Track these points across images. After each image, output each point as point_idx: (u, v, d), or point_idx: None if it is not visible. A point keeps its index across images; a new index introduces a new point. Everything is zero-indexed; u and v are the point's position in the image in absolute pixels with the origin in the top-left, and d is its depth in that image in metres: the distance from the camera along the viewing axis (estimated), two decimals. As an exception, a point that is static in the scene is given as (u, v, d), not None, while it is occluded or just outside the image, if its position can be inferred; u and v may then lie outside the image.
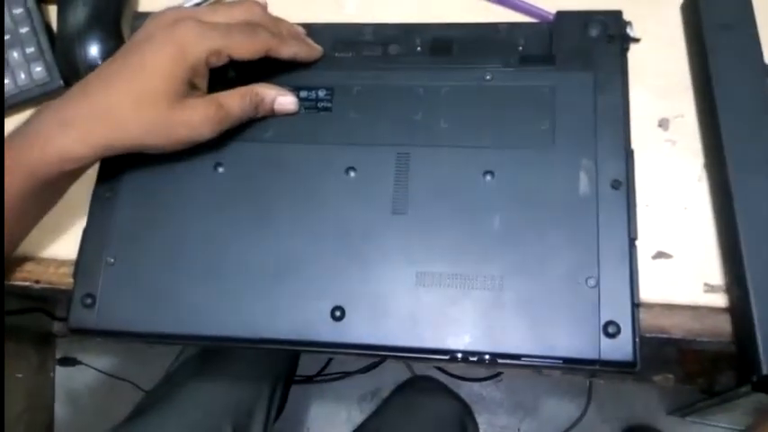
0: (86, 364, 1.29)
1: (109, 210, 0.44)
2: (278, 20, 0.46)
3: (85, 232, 0.44)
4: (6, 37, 0.51)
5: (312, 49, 0.46)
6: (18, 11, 0.51)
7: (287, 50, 0.44)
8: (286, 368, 0.78)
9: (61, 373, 1.31)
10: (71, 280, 0.43)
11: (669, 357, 0.99)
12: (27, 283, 0.46)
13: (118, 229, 0.43)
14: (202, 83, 0.42)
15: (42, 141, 0.39)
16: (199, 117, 0.41)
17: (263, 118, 0.45)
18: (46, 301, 1.19)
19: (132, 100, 0.39)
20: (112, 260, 0.42)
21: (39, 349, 1.28)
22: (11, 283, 0.46)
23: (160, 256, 0.42)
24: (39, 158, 0.39)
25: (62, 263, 0.46)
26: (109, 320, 0.42)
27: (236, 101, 0.43)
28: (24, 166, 0.39)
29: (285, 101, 0.44)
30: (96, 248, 0.43)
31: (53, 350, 1.32)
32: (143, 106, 0.40)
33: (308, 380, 1.19)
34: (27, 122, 0.40)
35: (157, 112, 0.40)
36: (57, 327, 1.27)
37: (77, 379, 1.31)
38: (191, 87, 0.41)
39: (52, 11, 0.53)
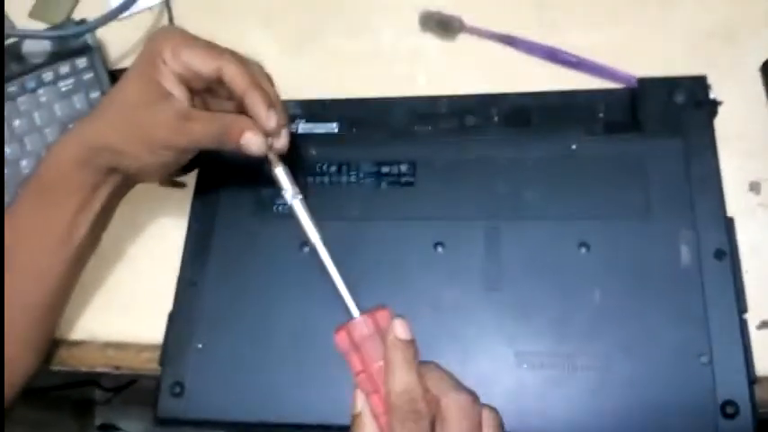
0: (125, 431, 1.27)
1: (195, 294, 0.43)
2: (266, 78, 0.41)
3: (171, 317, 0.43)
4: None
5: (275, 119, 0.39)
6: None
7: (245, 85, 0.39)
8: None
9: (100, 440, 1.29)
10: (154, 365, 0.42)
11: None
12: (107, 370, 0.45)
13: (206, 313, 0.43)
14: (179, 92, 0.39)
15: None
16: (157, 119, 0.39)
17: (348, 196, 0.45)
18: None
19: (109, 104, 0.41)
20: (201, 346, 0.42)
21: (78, 417, 1.26)
22: (93, 370, 0.45)
23: (249, 340, 0.41)
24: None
25: (144, 347, 0.45)
26: (199, 409, 0.40)
27: (204, 121, 0.40)
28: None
29: (251, 139, 0.39)
30: (184, 334, 0.42)
31: (92, 417, 1.30)
32: (112, 108, 0.41)
33: None
34: None
35: (123, 111, 0.40)
36: (98, 394, 1.26)
37: (116, 446, 1.29)
38: (161, 91, 0.39)
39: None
